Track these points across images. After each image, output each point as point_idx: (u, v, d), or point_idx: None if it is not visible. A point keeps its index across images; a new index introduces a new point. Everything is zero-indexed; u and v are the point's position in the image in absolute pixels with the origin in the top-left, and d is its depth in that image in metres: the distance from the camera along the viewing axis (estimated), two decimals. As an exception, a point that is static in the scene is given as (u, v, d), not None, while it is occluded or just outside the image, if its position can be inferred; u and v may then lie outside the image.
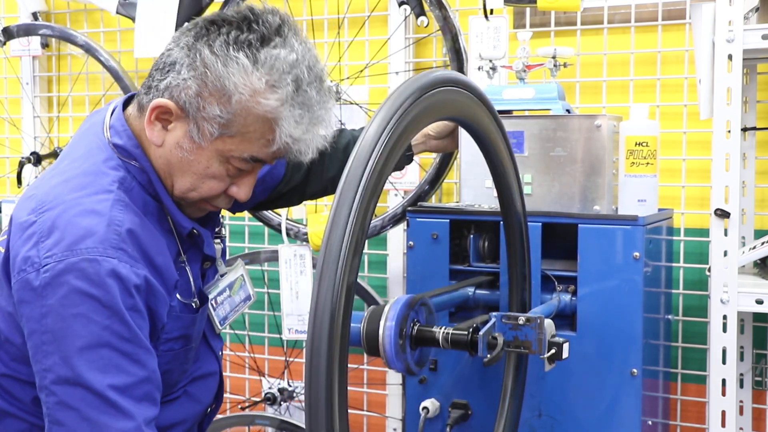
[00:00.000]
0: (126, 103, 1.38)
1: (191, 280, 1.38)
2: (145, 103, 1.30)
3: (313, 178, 1.67)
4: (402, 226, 2.28)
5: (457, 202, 1.88)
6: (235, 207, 1.52)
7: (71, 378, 1.16)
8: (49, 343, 1.17)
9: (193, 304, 1.37)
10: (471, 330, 1.32)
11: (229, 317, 1.51)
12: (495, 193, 1.47)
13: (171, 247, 1.34)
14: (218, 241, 1.49)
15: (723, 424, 1.76)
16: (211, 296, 1.46)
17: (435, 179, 2.18)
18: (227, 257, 1.57)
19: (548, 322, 1.38)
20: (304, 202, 2.47)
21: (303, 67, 1.25)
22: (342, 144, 1.67)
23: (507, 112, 1.78)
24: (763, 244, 1.89)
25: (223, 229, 1.53)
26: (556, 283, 1.66)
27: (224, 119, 1.25)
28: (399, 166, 1.70)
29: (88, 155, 1.31)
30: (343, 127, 1.77)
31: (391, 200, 2.35)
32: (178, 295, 1.33)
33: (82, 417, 1.16)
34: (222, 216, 1.53)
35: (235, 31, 1.24)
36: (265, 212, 2.41)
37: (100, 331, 1.17)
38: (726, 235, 1.74)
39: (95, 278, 1.17)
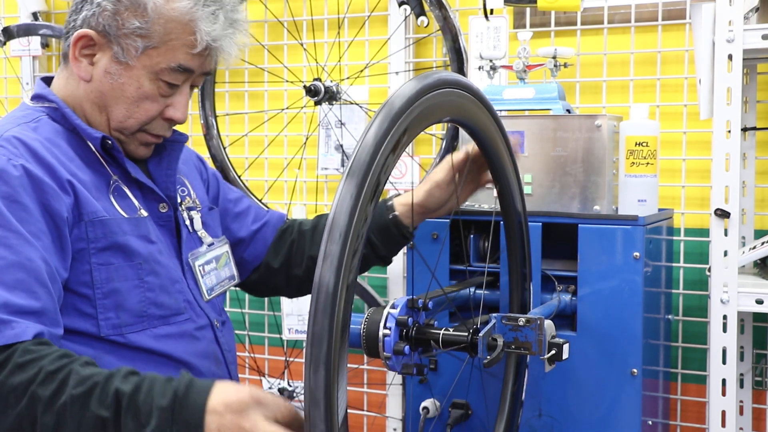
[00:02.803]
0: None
1: (131, 197, 1.36)
2: (67, 46, 1.35)
3: (296, 258, 1.65)
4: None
5: (457, 202, 1.88)
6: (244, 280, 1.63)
7: None
8: None
9: (138, 216, 1.34)
10: (471, 331, 1.32)
11: (215, 289, 1.48)
12: (495, 193, 1.47)
13: (96, 169, 1.34)
14: (195, 212, 1.48)
15: (723, 424, 1.76)
16: (198, 263, 1.45)
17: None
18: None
19: (548, 323, 1.38)
20: (304, 202, 2.49)
21: None
22: (321, 227, 1.65)
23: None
24: (763, 244, 1.89)
25: (189, 197, 1.50)
26: (556, 283, 1.66)
27: (144, 30, 1.30)
28: (395, 248, 1.64)
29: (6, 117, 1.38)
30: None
31: (391, 200, 2.35)
32: (95, 200, 1.29)
33: None
34: (186, 187, 1.51)
35: None
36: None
37: None
38: (726, 235, 1.74)
39: None
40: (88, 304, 1.26)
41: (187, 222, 1.46)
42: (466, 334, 1.32)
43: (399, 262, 2.36)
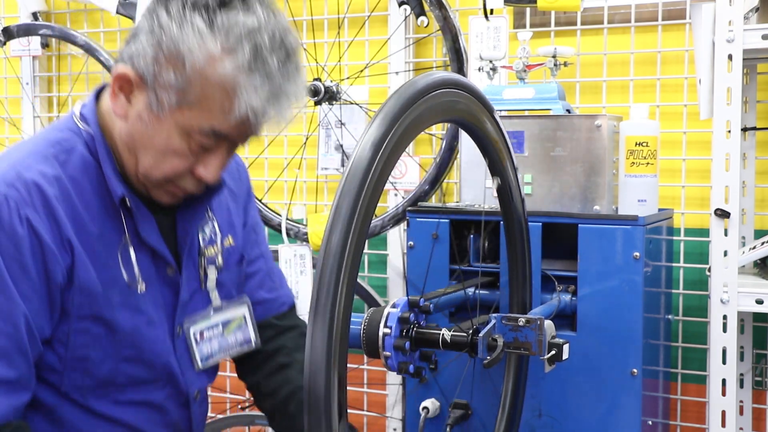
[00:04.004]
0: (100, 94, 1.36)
1: (134, 264, 1.28)
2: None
3: (266, 383, 1.49)
4: (402, 226, 2.28)
5: (457, 202, 1.88)
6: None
7: None
8: None
9: (134, 288, 1.28)
10: (471, 331, 1.32)
11: (214, 356, 1.39)
12: (495, 193, 1.47)
13: (112, 221, 1.27)
14: (213, 268, 1.39)
15: (723, 424, 1.76)
16: (195, 327, 1.36)
17: (435, 179, 2.18)
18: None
19: (548, 323, 1.38)
20: (304, 202, 2.49)
21: (264, 35, 1.18)
22: (293, 404, 1.45)
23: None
24: (763, 244, 1.89)
25: (219, 256, 1.40)
26: (556, 283, 1.66)
27: (180, 86, 1.18)
28: None
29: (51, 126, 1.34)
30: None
31: (391, 200, 2.35)
32: (94, 261, 1.25)
33: None
34: (215, 233, 1.41)
35: None
36: (265, 212, 2.41)
37: None
38: (726, 235, 1.74)
39: None
40: (58, 360, 1.25)
41: (201, 275, 1.37)
42: (466, 334, 1.32)
43: (399, 262, 2.37)
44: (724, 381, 1.76)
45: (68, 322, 1.24)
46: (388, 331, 1.27)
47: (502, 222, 1.51)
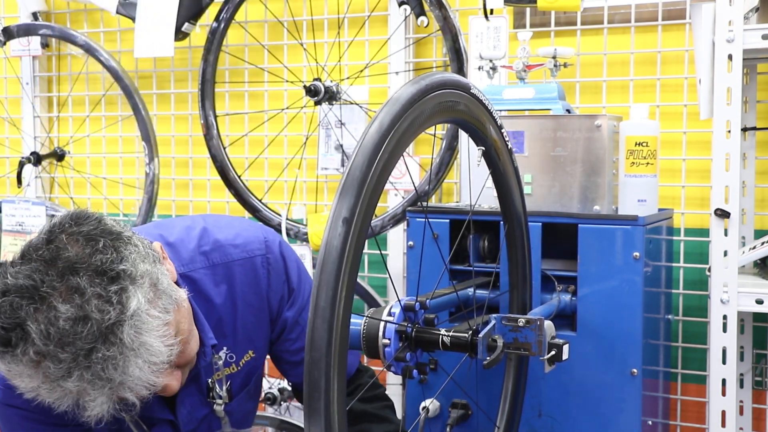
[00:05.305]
0: None
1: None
2: None
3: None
4: (402, 226, 2.28)
5: (457, 202, 1.88)
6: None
7: None
8: None
9: None
10: (471, 332, 1.32)
11: None
12: (495, 193, 1.47)
13: None
14: (220, 402, 1.40)
15: (723, 424, 1.76)
16: None
17: (435, 179, 2.18)
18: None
19: (548, 324, 1.38)
20: (304, 202, 2.49)
21: (50, 365, 1.08)
22: None
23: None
24: (763, 244, 1.89)
25: (225, 389, 1.41)
26: (556, 283, 1.66)
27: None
28: None
29: None
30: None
31: (391, 200, 2.35)
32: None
33: None
34: (230, 357, 1.42)
35: None
36: (264, 212, 2.41)
37: None
38: (726, 235, 1.74)
39: None
40: None
41: (211, 405, 1.41)
42: (466, 335, 1.31)
43: (399, 262, 2.36)
44: (724, 381, 1.76)
45: None
46: (388, 332, 1.27)
47: (502, 222, 1.51)
